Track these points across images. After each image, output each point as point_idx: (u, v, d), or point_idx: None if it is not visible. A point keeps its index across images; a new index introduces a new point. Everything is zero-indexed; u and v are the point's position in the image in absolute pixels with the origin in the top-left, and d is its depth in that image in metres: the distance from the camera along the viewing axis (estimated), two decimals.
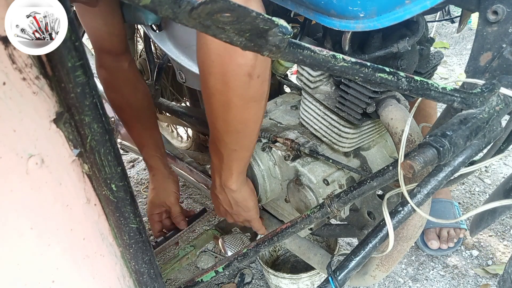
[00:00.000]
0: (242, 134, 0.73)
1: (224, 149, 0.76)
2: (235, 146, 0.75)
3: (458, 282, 1.34)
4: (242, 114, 0.69)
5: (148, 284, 0.57)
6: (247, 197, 0.88)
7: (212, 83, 0.65)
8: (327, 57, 0.40)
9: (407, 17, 0.61)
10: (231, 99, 0.66)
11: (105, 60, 0.98)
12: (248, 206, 0.91)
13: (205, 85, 0.67)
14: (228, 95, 0.66)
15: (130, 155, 2.11)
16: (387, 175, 0.63)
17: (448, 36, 3.15)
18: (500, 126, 0.56)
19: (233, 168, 0.80)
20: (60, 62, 0.36)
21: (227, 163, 0.79)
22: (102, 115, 0.41)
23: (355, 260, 0.63)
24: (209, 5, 0.29)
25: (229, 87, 0.64)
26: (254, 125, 0.73)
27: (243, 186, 0.86)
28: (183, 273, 1.46)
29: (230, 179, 0.82)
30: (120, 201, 0.47)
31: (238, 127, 0.71)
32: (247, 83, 0.64)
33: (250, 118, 0.71)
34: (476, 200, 1.65)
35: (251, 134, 0.74)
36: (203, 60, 0.64)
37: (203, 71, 0.66)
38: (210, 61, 0.63)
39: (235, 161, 0.79)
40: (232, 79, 0.63)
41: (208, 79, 0.65)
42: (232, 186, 0.84)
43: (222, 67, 0.63)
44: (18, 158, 0.38)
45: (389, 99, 0.74)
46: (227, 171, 0.81)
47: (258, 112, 0.71)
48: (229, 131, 0.72)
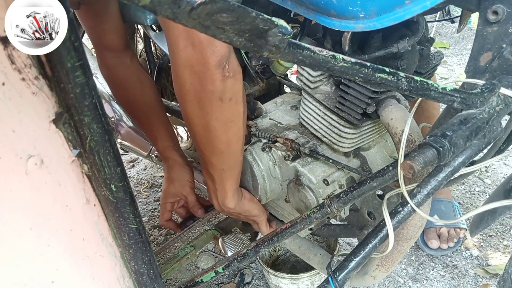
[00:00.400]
0: (226, 154, 0.77)
1: (214, 170, 0.81)
2: (222, 166, 0.79)
3: (458, 282, 1.34)
4: (222, 135, 0.74)
5: (147, 284, 0.57)
6: (248, 207, 0.92)
7: (190, 109, 0.71)
8: (327, 57, 0.40)
9: (407, 17, 0.61)
10: (209, 122, 0.71)
11: (106, 58, 0.98)
12: (252, 214, 0.94)
13: (184, 111, 0.73)
14: (206, 118, 0.71)
15: (130, 155, 2.11)
16: (387, 175, 0.63)
17: (448, 36, 3.14)
18: (500, 126, 0.56)
19: (227, 187, 0.84)
20: (60, 63, 0.36)
21: (220, 183, 0.83)
22: (102, 116, 0.41)
23: (355, 260, 0.63)
24: (208, 5, 0.29)
25: (205, 111, 0.70)
26: (236, 145, 0.77)
27: (239, 201, 0.90)
28: (183, 273, 1.45)
29: (226, 199, 0.86)
30: (119, 202, 0.47)
31: (221, 148, 0.76)
32: (220, 106, 0.69)
33: (231, 138, 0.75)
34: (476, 200, 1.65)
35: (235, 153, 0.79)
36: (179, 89, 0.70)
37: (180, 98, 0.72)
38: (185, 90, 0.69)
39: (226, 180, 0.83)
40: (207, 104, 0.69)
41: (186, 106, 0.71)
42: (230, 205, 0.88)
43: (196, 95, 0.68)
44: (17, 159, 0.37)
45: (389, 99, 0.74)
46: (221, 191, 0.85)
47: (237, 132, 0.76)
48: (214, 152, 0.77)
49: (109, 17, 0.92)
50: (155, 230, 1.67)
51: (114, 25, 0.94)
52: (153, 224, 1.69)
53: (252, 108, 1.00)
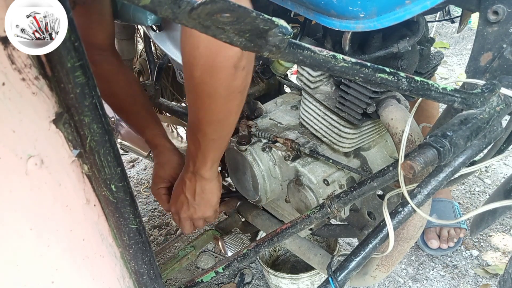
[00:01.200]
0: (222, 124, 0.76)
1: (203, 139, 0.78)
2: (214, 136, 0.77)
3: (458, 282, 1.34)
4: (226, 104, 0.72)
5: (147, 284, 0.57)
6: (215, 190, 0.90)
7: (199, 74, 0.67)
8: (327, 57, 0.40)
9: (407, 17, 0.61)
10: (217, 90, 0.69)
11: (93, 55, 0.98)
12: (211, 201, 0.91)
13: (190, 76, 0.69)
14: (214, 86, 0.68)
15: (130, 155, 2.11)
16: (387, 175, 0.63)
17: (448, 36, 3.14)
18: (500, 126, 0.56)
19: (209, 157, 0.82)
20: (60, 63, 0.36)
21: (204, 152, 0.81)
22: (102, 116, 0.41)
23: (355, 260, 0.63)
24: (208, 5, 0.29)
25: (216, 78, 0.67)
26: (235, 116, 0.76)
27: (214, 178, 0.87)
28: (183, 273, 1.45)
29: (204, 167, 0.84)
30: (119, 202, 0.47)
31: (220, 117, 0.74)
32: (233, 74, 0.67)
33: (232, 109, 0.74)
34: (476, 200, 1.65)
35: (231, 124, 0.77)
36: (189, 51, 0.66)
37: (189, 62, 0.68)
38: (198, 53, 0.65)
39: (212, 151, 0.81)
40: (219, 71, 0.65)
41: (194, 70, 0.67)
42: (205, 174, 0.85)
43: (209, 59, 0.65)
44: (17, 159, 0.37)
45: (389, 99, 0.74)
46: (202, 159, 0.82)
47: (240, 103, 0.74)
48: (211, 121, 0.75)
49: (101, 17, 0.93)
50: (155, 230, 1.67)
51: (105, 25, 0.95)
52: (153, 224, 1.69)
53: (252, 108, 1.00)
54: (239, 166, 0.95)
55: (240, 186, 1.01)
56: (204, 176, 0.85)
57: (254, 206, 1.14)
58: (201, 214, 0.95)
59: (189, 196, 0.91)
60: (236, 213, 1.20)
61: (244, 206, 1.16)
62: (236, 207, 1.18)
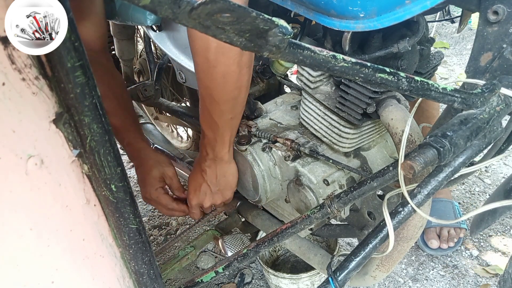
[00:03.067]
0: (237, 101, 0.82)
1: (220, 119, 0.83)
2: (231, 115, 0.83)
3: (458, 282, 1.34)
4: (238, 80, 0.78)
5: (148, 284, 0.57)
6: (235, 172, 0.95)
7: (213, 56, 0.73)
8: (327, 57, 0.40)
9: (407, 17, 0.61)
10: (230, 68, 0.75)
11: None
12: (232, 183, 0.97)
13: (205, 59, 0.75)
14: (227, 64, 0.74)
15: None
16: (387, 175, 0.63)
17: (448, 36, 3.14)
18: (500, 126, 0.56)
19: (227, 138, 0.87)
20: (60, 63, 0.36)
21: (222, 134, 0.86)
22: (102, 116, 0.41)
23: (355, 260, 0.63)
24: (209, 5, 0.29)
25: (228, 56, 0.73)
26: (246, 91, 0.83)
27: (232, 160, 0.93)
28: (183, 273, 1.45)
29: (223, 150, 0.89)
30: (119, 202, 0.47)
31: (235, 93, 0.80)
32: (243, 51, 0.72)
33: (243, 84, 0.80)
34: (476, 200, 1.65)
35: (243, 100, 0.84)
36: (201, 36, 0.72)
37: (201, 47, 0.74)
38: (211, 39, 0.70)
39: (229, 130, 0.86)
40: (229, 49, 0.72)
41: (208, 52, 0.73)
42: (224, 157, 0.90)
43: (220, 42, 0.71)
44: (17, 159, 0.37)
45: (389, 99, 0.74)
46: (220, 141, 0.87)
47: (249, 78, 0.81)
48: (227, 99, 0.80)
49: (92, 16, 0.93)
50: (155, 230, 1.67)
51: (96, 25, 0.95)
52: (153, 224, 1.69)
53: (252, 108, 1.00)
54: (239, 166, 0.95)
55: (240, 186, 1.01)
56: (224, 159, 0.91)
57: (254, 206, 1.14)
58: (224, 198, 0.99)
59: (211, 184, 0.96)
60: (236, 213, 1.20)
61: (244, 206, 1.16)
62: (236, 207, 1.18)
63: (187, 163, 1.33)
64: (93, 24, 0.94)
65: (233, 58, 0.74)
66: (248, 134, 0.93)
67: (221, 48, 0.72)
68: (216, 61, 0.74)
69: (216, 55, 0.73)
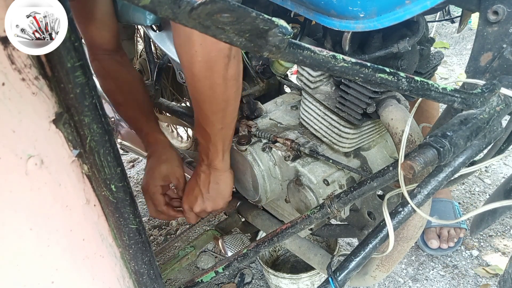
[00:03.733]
0: (225, 112, 0.82)
1: (211, 129, 0.84)
2: (220, 125, 0.84)
3: (458, 282, 1.34)
4: (225, 92, 0.79)
5: (147, 284, 0.57)
6: (228, 181, 0.94)
7: (198, 70, 0.75)
8: (327, 57, 0.40)
9: (407, 17, 0.61)
10: (215, 81, 0.76)
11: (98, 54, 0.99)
12: (224, 192, 0.95)
13: (191, 73, 0.76)
14: (212, 78, 0.75)
15: (130, 155, 2.11)
16: (387, 175, 0.63)
17: (448, 36, 3.14)
18: (500, 126, 0.56)
19: (219, 147, 0.87)
20: (60, 63, 0.36)
21: (214, 143, 0.86)
22: (102, 116, 0.41)
23: (355, 260, 0.63)
24: (208, 5, 0.29)
25: (213, 70, 0.74)
26: (235, 103, 0.83)
27: (227, 169, 0.93)
28: (183, 273, 1.45)
29: (216, 158, 0.89)
30: (119, 202, 0.47)
31: (222, 105, 0.81)
32: (227, 64, 0.74)
33: (231, 96, 0.80)
34: (476, 200, 1.65)
35: (233, 111, 0.84)
36: (186, 51, 0.74)
37: (187, 61, 0.75)
38: (194, 51, 0.72)
39: (221, 140, 0.86)
40: (215, 63, 0.73)
41: (193, 67, 0.75)
42: (218, 165, 0.90)
43: (205, 55, 0.72)
44: (17, 159, 0.37)
45: (389, 99, 0.74)
46: (213, 150, 0.88)
47: (237, 90, 0.81)
48: (215, 111, 0.81)
49: (102, 16, 0.93)
50: (155, 230, 1.67)
51: (107, 24, 0.95)
52: (153, 224, 1.69)
53: (252, 108, 1.00)
54: (239, 166, 0.95)
55: (240, 186, 1.01)
56: (217, 167, 0.90)
57: (254, 206, 1.14)
58: (214, 207, 0.97)
59: (203, 189, 0.95)
60: (236, 213, 1.20)
61: (244, 206, 1.16)
62: (236, 207, 1.18)
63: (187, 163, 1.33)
64: (105, 24, 0.95)
65: (218, 72, 0.75)
66: (248, 134, 0.93)
67: (206, 62, 0.73)
68: (201, 75, 0.75)
69: (201, 70, 0.74)
